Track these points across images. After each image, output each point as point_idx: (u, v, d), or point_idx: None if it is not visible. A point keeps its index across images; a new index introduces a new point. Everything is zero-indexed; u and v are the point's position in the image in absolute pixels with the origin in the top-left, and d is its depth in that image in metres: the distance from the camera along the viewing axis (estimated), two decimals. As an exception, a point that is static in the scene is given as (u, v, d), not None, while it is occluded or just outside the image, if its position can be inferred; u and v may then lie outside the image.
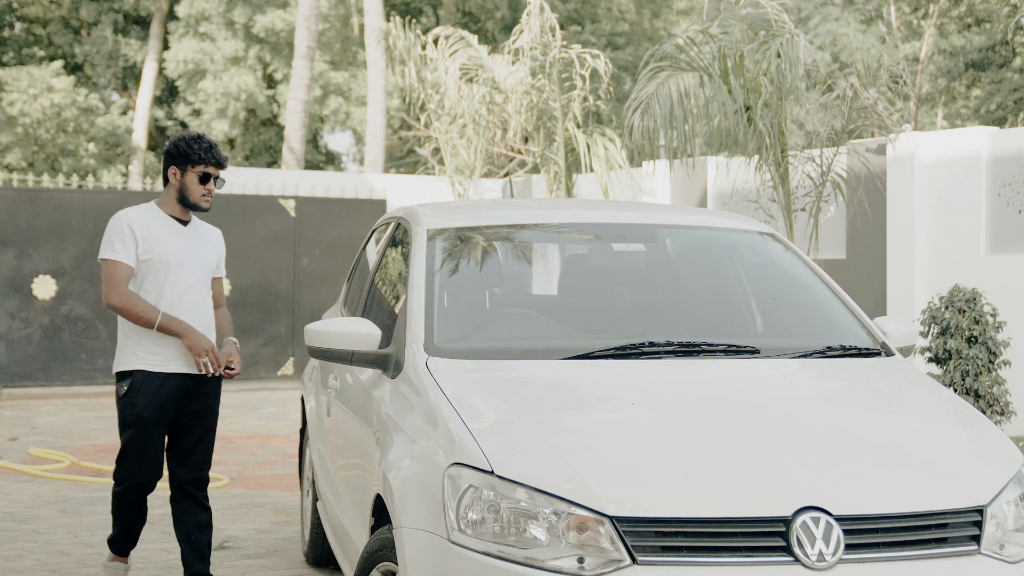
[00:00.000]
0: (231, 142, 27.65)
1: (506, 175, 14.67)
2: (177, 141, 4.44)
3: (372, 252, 4.91)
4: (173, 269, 4.33)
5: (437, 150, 14.24)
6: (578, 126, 12.31)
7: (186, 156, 4.39)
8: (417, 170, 16.65)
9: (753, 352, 3.51)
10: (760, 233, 4.26)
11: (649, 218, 4.40)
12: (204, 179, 4.39)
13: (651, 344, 3.44)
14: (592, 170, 12.27)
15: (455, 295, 3.83)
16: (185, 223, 4.45)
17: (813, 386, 3.45)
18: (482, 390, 3.17)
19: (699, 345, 3.48)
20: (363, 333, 3.51)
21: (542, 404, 3.12)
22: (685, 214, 4.66)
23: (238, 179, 14.13)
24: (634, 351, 3.41)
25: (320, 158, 29.45)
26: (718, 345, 3.50)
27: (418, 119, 14.65)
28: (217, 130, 25.88)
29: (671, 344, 3.46)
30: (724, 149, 9.03)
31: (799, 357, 3.56)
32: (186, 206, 4.43)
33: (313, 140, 29.20)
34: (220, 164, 4.42)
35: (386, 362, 3.52)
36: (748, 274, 4.17)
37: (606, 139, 12.19)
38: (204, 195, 4.40)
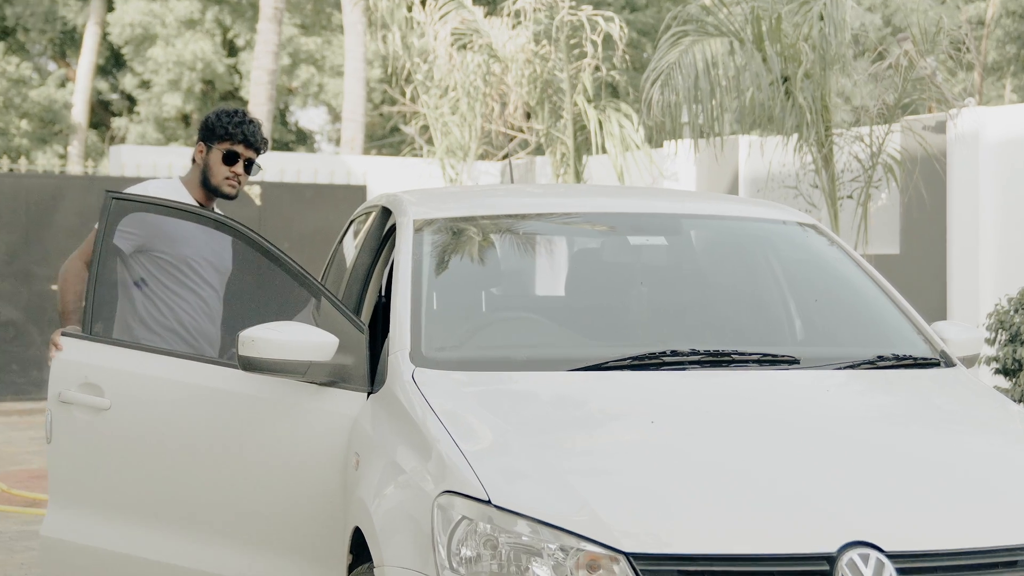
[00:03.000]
0: (185, 119, 27.68)
1: (505, 157, 14.67)
2: (209, 113, 4.45)
3: (349, 246, 4.90)
4: (194, 273, 4.23)
5: (425, 128, 14.25)
6: (589, 100, 12.32)
7: (211, 130, 4.37)
8: (402, 151, 16.67)
9: (792, 362, 3.52)
10: (800, 224, 4.26)
11: (671, 207, 4.40)
12: (230, 159, 4.35)
13: (673, 353, 3.44)
14: (605, 151, 12.28)
15: (446, 297, 3.83)
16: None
17: (861, 402, 3.45)
18: (477, 406, 3.17)
19: (729, 354, 3.48)
20: (318, 341, 3.49)
21: (547, 422, 3.13)
22: (713, 202, 4.66)
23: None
24: (653, 361, 3.41)
25: (289, 137, 29.48)
26: (751, 354, 3.51)
27: (403, 92, 14.66)
28: (169, 105, 25.90)
29: (696, 353, 3.46)
30: (758, 127, 9.03)
31: (845, 368, 3.56)
32: (208, 190, 4.38)
33: (281, 117, 29.21)
34: (250, 143, 4.36)
35: (345, 373, 3.52)
36: (786, 272, 4.17)
37: (621, 115, 12.20)
38: (228, 178, 4.34)
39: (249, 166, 4.39)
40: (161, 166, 13.92)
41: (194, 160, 4.41)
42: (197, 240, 4.24)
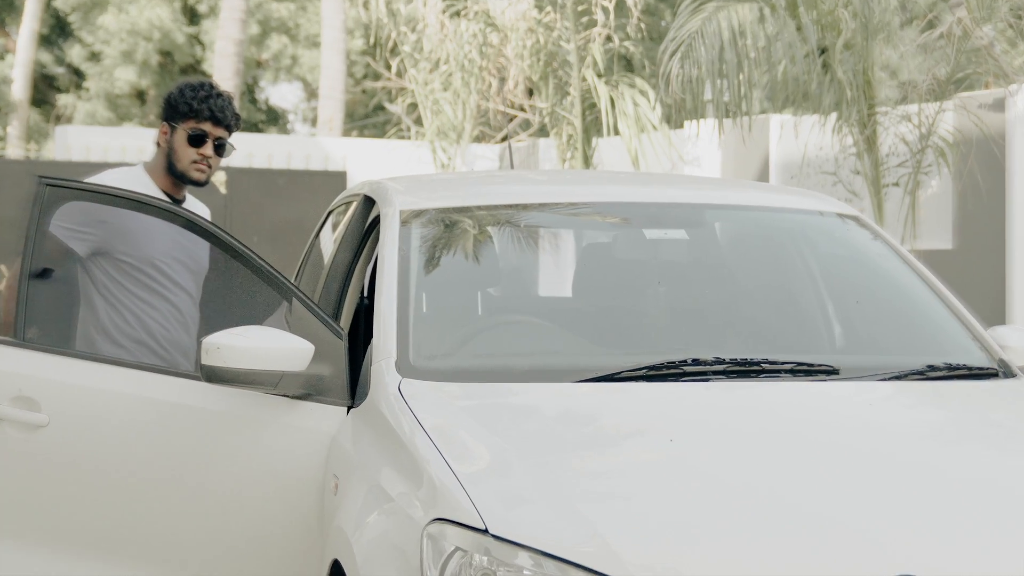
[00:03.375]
0: (140, 96, 27.70)
1: (504, 139, 14.68)
2: (172, 88, 4.39)
3: (327, 241, 4.90)
4: (162, 276, 4.18)
5: (414, 106, 14.25)
6: (599, 75, 12.33)
7: (174, 107, 4.32)
8: (387, 133, 16.68)
9: (830, 372, 3.52)
10: (839, 215, 4.27)
11: (692, 196, 4.40)
12: (196, 140, 4.30)
13: (695, 362, 3.45)
14: (617, 132, 12.28)
15: (437, 298, 3.83)
16: (179, 203, 4.33)
17: (909, 418, 3.45)
18: (472, 422, 3.18)
19: (758, 363, 3.49)
20: (291, 349, 3.48)
21: (552, 441, 3.13)
22: (740, 191, 4.65)
23: (148, 144, 14.12)
24: (672, 371, 3.41)
25: (259, 117, 29.50)
26: (783, 363, 3.51)
27: (388, 66, 14.66)
28: (121, 79, 25.92)
29: (721, 362, 3.46)
30: (791, 105, 9.03)
31: (891, 379, 3.57)
32: (174, 177, 4.33)
33: (249, 93, 29.24)
34: (219, 120, 4.31)
35: (322, 384, 3.52)
36: (823, 270, 4.18)
37: (636, 92, 12.21)
38: (196, 162, 4.29)
39: (220, 147, 4.35)
40: (113, 149, 13.92)
41: (158, 144, 4.37)
42: (164, 237, 4.18)
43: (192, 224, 3.86)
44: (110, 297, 4.18)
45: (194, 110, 4.30)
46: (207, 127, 4.32)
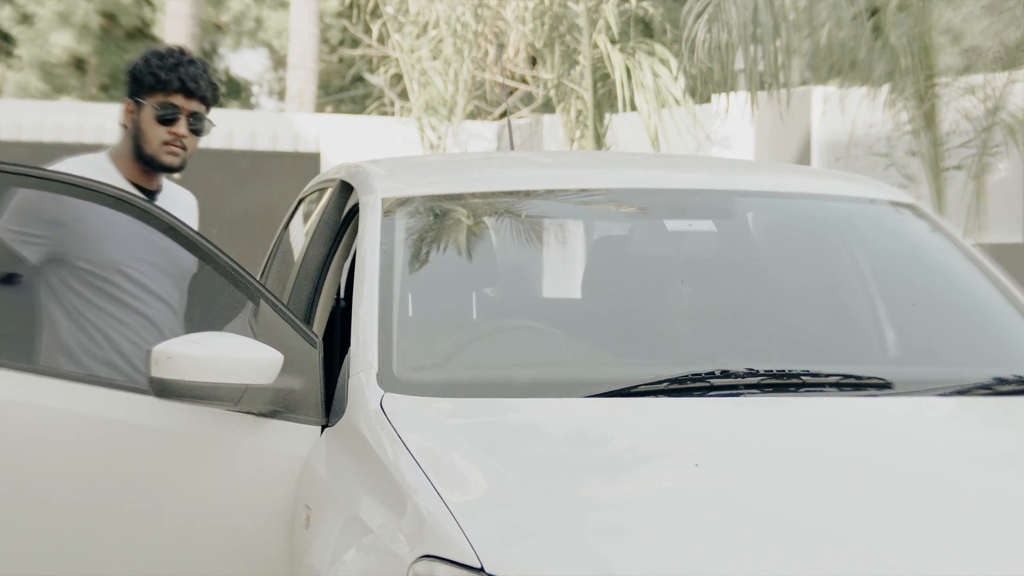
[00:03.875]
0: (79, 64, 27.69)
1: (503, 116, 14.68)
2: (136, 59, 4.32)
3: (298, 233, 4.91)
4: (131, 283, 4.12)
5: (398, 78, 14.26)
6: (613, 41, 12.33)
7: (138, 80, 4.26)
8: (367, 108, 16.69)
9: (882, 386, 3.52)
10: (893, 203, 4.27)
11: (721, 181, 4.41)
12: (166, 117, 4.22)
13: (724, 374, 3.45)
14: (634, 108, 12.28)
15: (425, 299, 3.84)
16: (153, 194, 4.28)
17: (975, 440, 3.45)
18: (466, 444, 3.18)
19: (798, 375, 3.49)
20: (257, 358, 3.48)
21: (558, 465, 3.13)
22: (776, 175, 4.66)
23: (90, 121, 14.14)
24: (698, 385, 3.41)
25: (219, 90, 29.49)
26: (827, 375, 3.51)
27: (368, 30, 14.67)
28: (57, 45, 25.91)
29: (755, 374, 3.47)
30: (837, 75, 9.03)
31: (953, 394, 3.57)
32: (144, 163, 4.26)
33: (207, 61, 29.24)
34: (192, 92, 4.23)
35: (292, 400, 3.53)
36: (874, 266, 4.19)
37: (655, 61, 12.21)
38: (167, 143, 4.21)
39: (196, 124, 4.27)
40: (47, 126, 13.92)
41: (124, 126, 4.30)
42: (133, 238, 4.11)
43: (142, 211, 3.81)
44: (73, 312, 4.11)
45: (161, 81, 4.22)
46: (178, 101, 4.24)
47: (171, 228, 3.79)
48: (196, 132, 4.29)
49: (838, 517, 2.88)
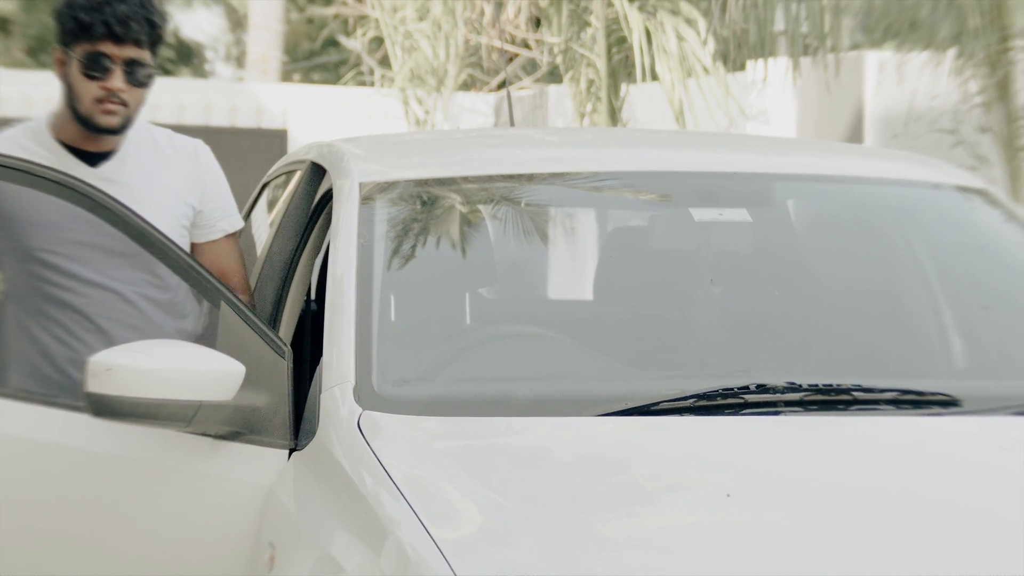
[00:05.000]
0: (3, 26, 27.71)
1: (502, 86, 14.70)
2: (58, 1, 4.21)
3: (261, 223, 4.92)
4: (56, 273, 4.08)
5: (379, 42, 14.27)
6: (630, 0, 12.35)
7: (61, 24, 4.16)
8: (342, 78, 16.71)
9: (948, 403, 3.53)
10: (960, 188, 4.29)
11: (758, 163, 4.43)
12: (94, 66, 4.09)
13: (760, 388, 3.46)
14: (655, 77, 12.29)
15: (411, 301, 3.87)
16: (97, 158, 4.16)
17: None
18: (458, 471, 3.19)
19: (848, 391, 3.50)
20: (212, 371, 3.49)
21: (565, 497, 3.14)
22: (822, 156, 4.67)
23: (14, 91, 14.16)
24: (730, 401, 3.43)
25: (167, 55, 29.53)
26: (883, 391, 3.53)
27: (342, -16, 14.68)
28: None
29: (797, 388, 3.48)
30: (894, 38, 9.04)
31: (1030, 413, 3.58)
32: (81, 123, 4.14)
33: (153, 22, 29.27)
34: (120, 36, 4.06)
35: (255, 419, 3.53)
36: (938, 263, 4.20)
37: (680, 21, 12.21)
38: (100, 100, 4.09)
39: (136, 74, 4.15)
40: (-34, 98, 13.93)
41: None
42: (57, 217, 4.07)
43: (78, 193, 3.78)
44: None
45: (84, 25, 4.10)
46: (108, 48, 4.09)
47: (108, 210, 3.76)
48: (136, 84, 4.15)
49: (897, 560, 2.88)
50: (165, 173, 4.19)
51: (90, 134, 4.19)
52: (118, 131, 4.15)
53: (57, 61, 4.21)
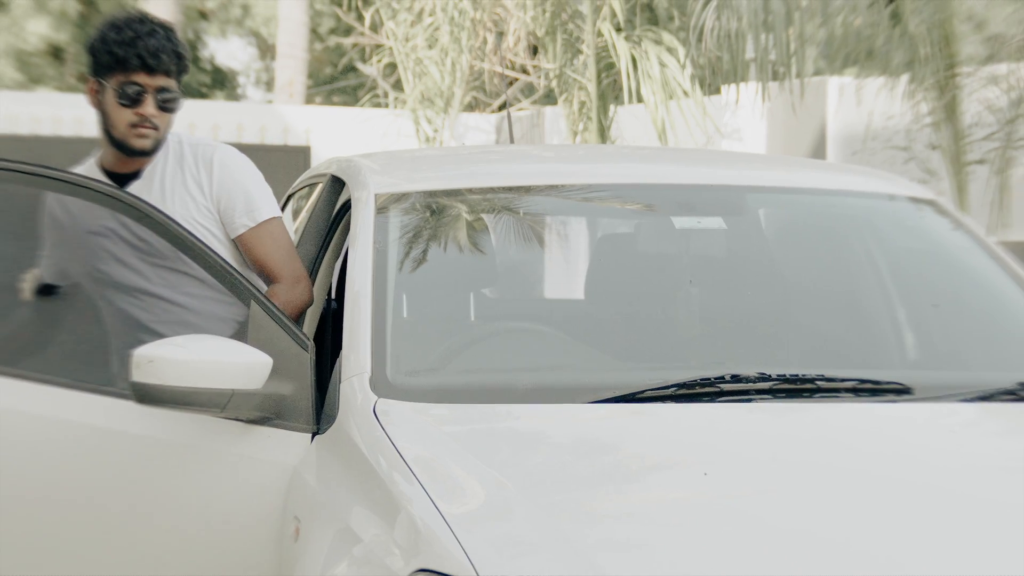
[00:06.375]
0: (56, 53, 27.69)
1: (503, 107, 14.67)
2: (92, 32, 4.16)
3: (288, 229, 4.91)
4: (109, 283, 4.06)
5: (392, 67, 14.26)
6: (618, 29, 12.34)
7: (96, 57, 4.11)
8: (360, 100, 16.69)
9: (901, 392, 3.52)
10: (913, 200, 4.28)
11: (732, 176, 4.41)
12: (129, 96, 4.07)
13: (735, 378, 3.46)
14: (640, 99, 12.29)
15: (421, 300, 3.85)
16: (126, 179, 4.12)
17: (1002, 448, 3.44)
18: (464, 453, 3.18)
19: (812, 380, 3.49)
20: (244, 362, 3.48)
21: (560, 475, 3.13)
22: (790, 170, 4.66)
23: (68, 112, 14.13)
24: (708, 389, 3.42)
25: (203, 79, 29.52)
26: (844, 380, 3.51)
27: (360, 18, 14.67)
28: (33, 33, 25.91)
29: (767, 378, 3.47)
30: (853, 64, 9.02)
31: (976, 400, 3.56)
32: (116, 147, 4.12)
33: (191, 51, 29.25)
34: (153, 67, 4.05)
35: (282, 406, 3.52)
36: (893, 266, 4.19)
37: (663, 50, 12.21)
38: (135, 125, 4.06)
39: (167, 100, 4.12)
40: (22, 118, 13.91)
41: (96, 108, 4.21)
42: (97, 224, 4.08)
43: (126, 203, 3.80)
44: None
45: (119, 59, 4.06)
46: (140, 79, 4.07)
47: (151, 218, 3.77)
48: (166, 109, 4.12)
49: (855, 532, 2.87)
50: (184, 186, 4.14)
51: (124, 157, 4.15)
52: (150, 152, 4.12)
53: (91, 91, 4.17)
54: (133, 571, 3.68)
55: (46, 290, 4.20)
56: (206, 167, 4.16)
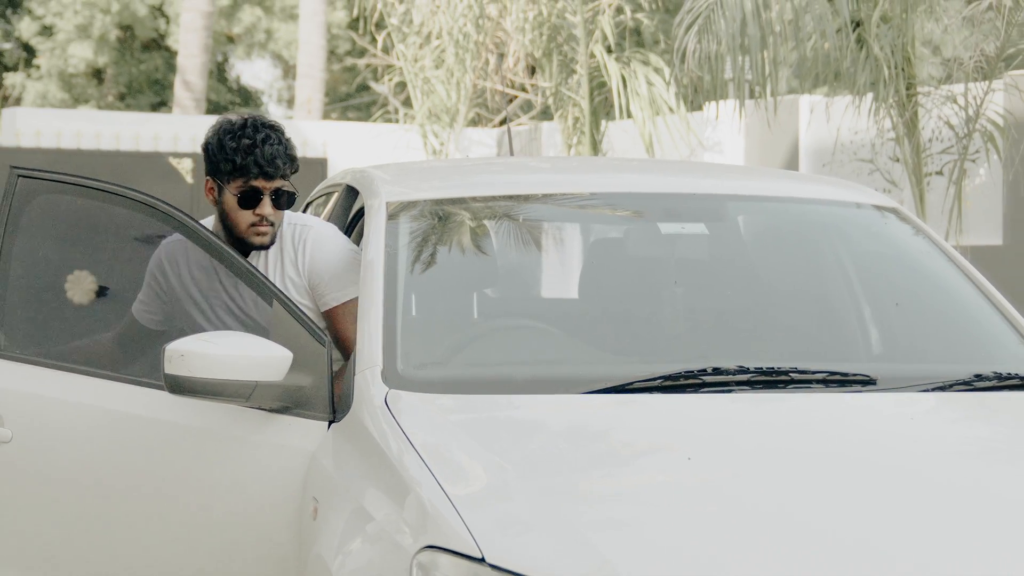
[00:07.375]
0: (97, 74, 27.69)
1: (503, 122, 14.67)
2: (208, 132, 4.06)
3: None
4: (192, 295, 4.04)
5: (402, 86, 14.26)
6: (609, 51, 12.34)
7: (214, 164, 4.01)
8: (372, 115, 16.68)
9: (866, 382, 3.52)
10: (877, 208, 4.27)
11: (713, 185, 4.41)
12: (248, 198, 3.98)
13: (716, 371, 3.45)
14: (629, 115, 12.29)
15: (428, 299, 3.84)
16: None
17: (956, 434, 3.45)
18: (467, 439, 3.18)
19: (786, 372, 3.49)
20: (267, 356, 3.48)
21: (556, 460, 3.13)
22: (765, 180, 4.65)
23: (107, 129, 14.12)
24: (691, 381, 3.42)
25: (230, 97, 29.50)
26: (814, 372, 3.52)
27: (374, 40, 14.66)
28: (77, 57, 25.90)
29: (745, 371, 3.47)
30: (822, 84, 9.02)
31: (934, 390, 3.57)
32: (235, 244, 4.01)
33: (219, 72, 29.24)
34: (269, 173, 3.96)
35: (301, 396, 3.53)
36: (859, 268, 4.19)
37: (650, 70, 12.21)
38: (254, 225, 3.98)
39: (279, 199, 4.02)
40: (67, 134, 13.91)
41: (211, 202, 4.14)
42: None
43: (161, 211, 3.80)
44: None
45: (239, 167, 3.98)
46: (259, 183, 3.99)
47: (182, 225, 3.81)
48: (281, 208, 4.05)
49: (825, 509, 2.88)
50: (283, 269, 4.06)
51: (240, 249, 4.04)
52: (267, 247, 4.05)
53: (209, 190, 4.09)
54: (168, 545, 3.70)
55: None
56: (301, 247, 4.08)
